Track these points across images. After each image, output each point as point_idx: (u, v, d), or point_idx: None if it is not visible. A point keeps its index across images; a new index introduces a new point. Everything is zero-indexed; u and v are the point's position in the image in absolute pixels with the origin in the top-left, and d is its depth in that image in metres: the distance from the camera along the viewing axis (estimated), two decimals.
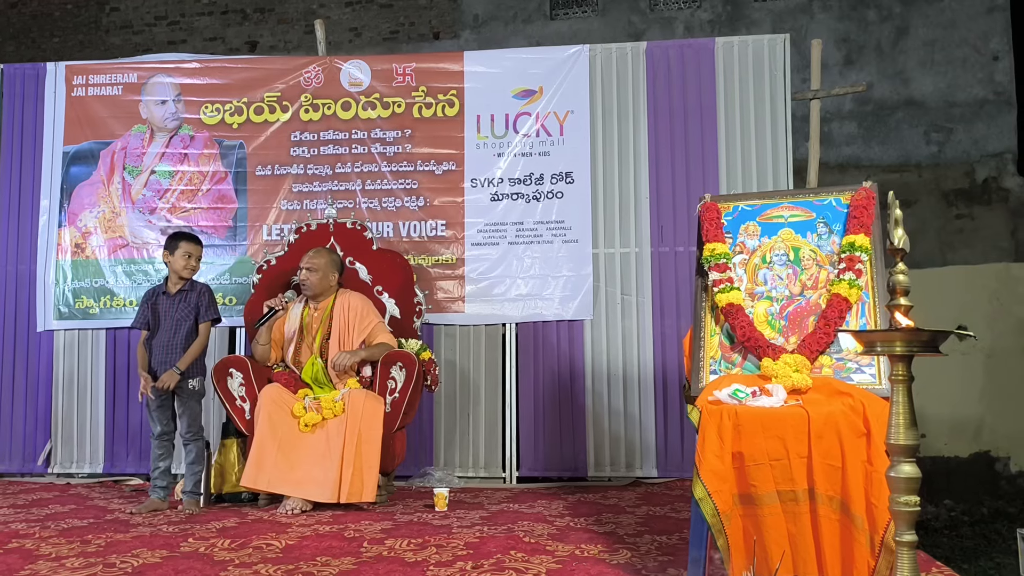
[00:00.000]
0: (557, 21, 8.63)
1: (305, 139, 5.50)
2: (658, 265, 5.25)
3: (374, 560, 3.08)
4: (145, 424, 5.11)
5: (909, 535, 1.97)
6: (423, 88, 5.45)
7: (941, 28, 8.12)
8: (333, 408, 4.17)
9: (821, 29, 7.98)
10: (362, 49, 8.52)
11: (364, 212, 5.37)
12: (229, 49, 8.78)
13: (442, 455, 5.25)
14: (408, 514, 4.00)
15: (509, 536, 3.45)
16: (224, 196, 5.51)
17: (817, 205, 3.18)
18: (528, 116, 5.37)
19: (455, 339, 5.33)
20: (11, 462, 5.42)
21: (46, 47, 9.02)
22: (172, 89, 5.59)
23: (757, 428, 2.61)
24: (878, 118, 8.15)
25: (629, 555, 3.14)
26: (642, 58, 5.40)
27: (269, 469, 4.07)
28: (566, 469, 5.17)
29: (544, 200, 5.33)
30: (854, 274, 2.96)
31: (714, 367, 3.04)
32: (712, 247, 3.16)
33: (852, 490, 2.52)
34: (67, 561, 3.09)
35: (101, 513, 4.10)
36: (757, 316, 3.05)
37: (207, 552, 3.22)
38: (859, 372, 2.87)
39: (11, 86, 5.68)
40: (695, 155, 5.31)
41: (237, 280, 5.41)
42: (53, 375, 5.45)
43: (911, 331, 1.97)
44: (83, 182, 5.55)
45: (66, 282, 5.48)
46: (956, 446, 7.54)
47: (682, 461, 5.06)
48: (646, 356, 5.21)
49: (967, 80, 8.08)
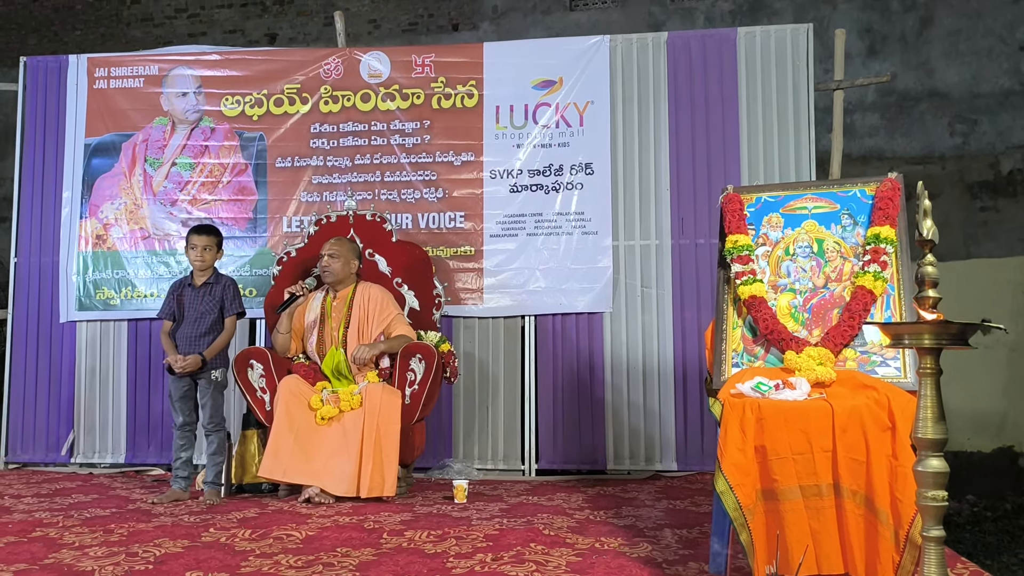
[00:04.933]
0: (576, 12, 8.58)
1: (325, 131, 5.50)
2: (678, 257, 5.22)
3: (394, 551, 3.09)
4: (166, 415, 5.16)
5: (936, 530, 1.95)
6: (442, 79, 5.43)
7: (966, 18, 8.00)
8: (351, 402, 4.18)
9: (844, 19, 7.89)
10: (381, 40, 8.51)
11: (383, 204, 5.36)
12: (249, 41, 8.80)
13: (461, 447, 5.26)
14: (427, 506, 4.00)
15: (529, 528, 3.45)
16: (244, 188, 5.52)
17: (841, 196, 3.14)
18: (548, 107, 5.35)
19: (474, 331, 5.32)
20: (35, 452, 5.48)
21: (68, 40, 9.07)
22: (193, 81, 5.60)
23: (780, 422, 2.59)
24: (901, 109, 8.05)
25: (650, 548, 3.12)
26: (663, 48, 5.36)
27: (286, 460, 4.09)
28: (585, 462, 5.15)
29: (563, 191, 5.30)
30: (879, 266, 2.92)
31: (736, 360, 3.01)
32: (735, 239, 3.14)
33: (876, 485, 2.49)
34: (90, 550, 3.12)
35: (123, 503, 4.13)
36: (780, 308, 3.03)
37: (228, 542, 3.23)
38: (884, 365, 2.84)
39: (33, 79, 5.71)
40: (716, 146, 5.26)
41: (257, 272, 5.43)
42: (76, 366, 5.50)
43: (940, 324, 1.94)
44: (105, 174, 5.59)
45: (87, 273, 5.51)
46: (979, 441, 7.45)
47: (702, 455, 5.03)
48: (666, 349, 5.18)
49: (992, 71, 7.96)
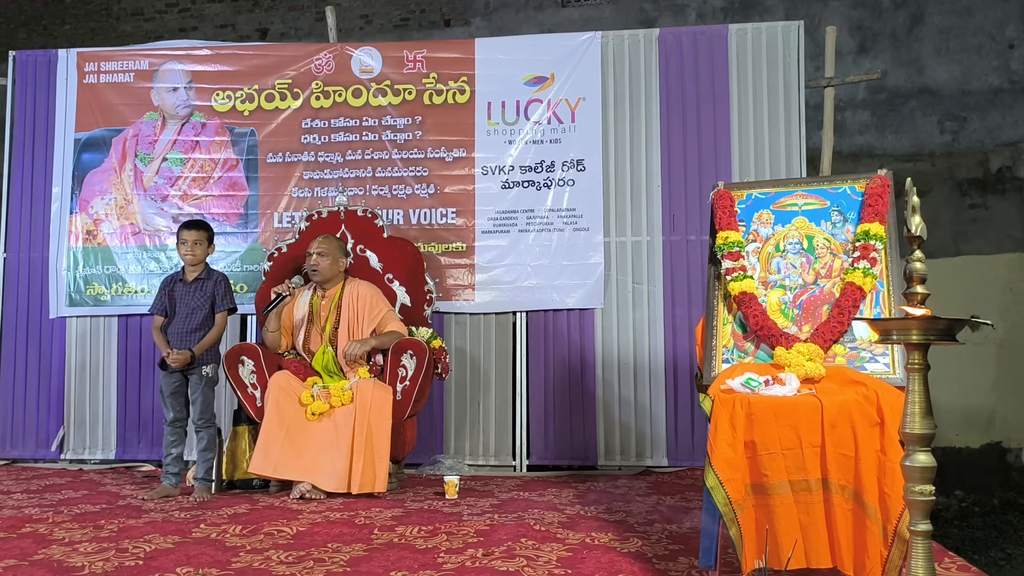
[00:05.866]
0: (568, 8, 8.57)
1: (316, 126, 5.49)
2: (669, 254, 5.23)
3: (385, 547, 3.09)
4: (157, 410, 5.15)
5: (924, 525, 1.96)
6: (434, 75, 5.43)
7: (956, 16, 8.03)
8: (342, 397, 4.18)
9: (835, 16, 7.89)
10: (373, 36, 8.49)
11: (375, 199, 5.36)
12: (240, 36, 8.76)
13: (452, 443, 5.26)
14: (419, 501, 4.01)
15: (520, 524, 3.46)
16: (235, 183, 5.51)
17: (831, 193, 3.15)
18: (539, 103, 5.35)
19: (465, 327, 5.33)
20: (24, 447, 5.46)
21: (57, 34, 9.01)
22: (183, 76, 5.59)
23: (770, 417, 2.61)
24: (892, 106, 8.07)
25: (640, 543, 3.13)
26: (655, 45, 5.36)
27: (276, 455, 4.09)
28: (576, 458, 5.17)
29: (555, 188, 5.31)
30: (868, 263, 2.94)
31: (727, 356, 3.03)
32: (725, 235, 3.15)
33: (865, 479, 2.51)
34: (80, 546, 3.11)
35: (113, 499, 4.13)
36: (770, 305, 3.04)
37: (219, 538, 3.23)
38: (873, 361, 2.85)
39: (23, 73, 5.68)
40: (707, 143, 5.27)
41: (248, 267, 5.42)
42: (65, 361, 5.48)
43: (928, 319, 1.95)
44: (95, 169, 5.57)
45: (78, 269, 5.49)
46: (968, 436, 7.49)
47: (692, 450, 5.05)
48: (657, 345, 5.20)
49: (982, 68, 7.99)
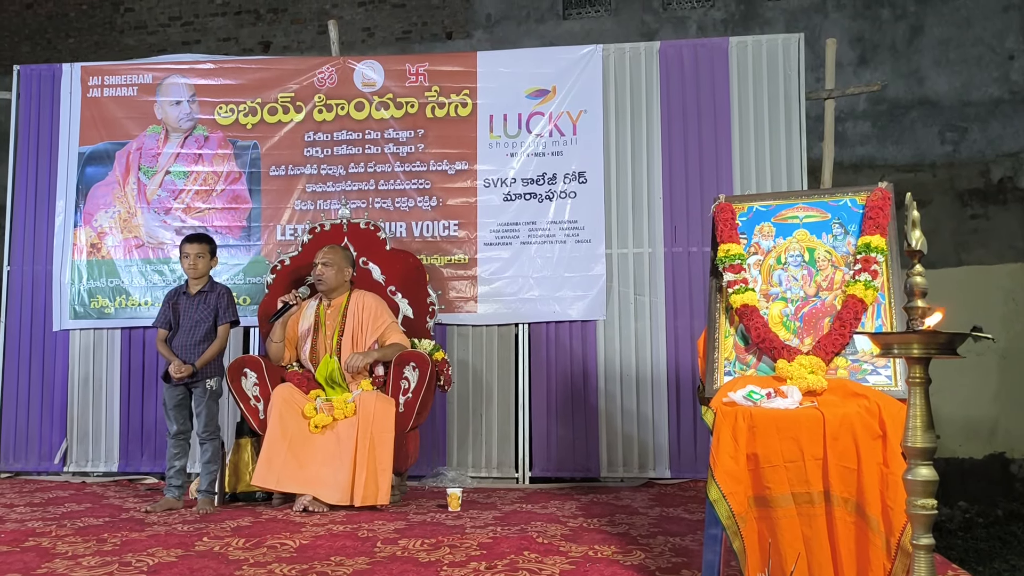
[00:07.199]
0: (570, 20, 8.61)
1: (319, 139, 5.51)
2: (671, 266, 5.24)
3: (388, 560, 3.09)
4: (159, 423, 5.15)
5: (926, 538, 1.96)
6: (436, 88, 5.45)
7: (956, 27, 8.06)
8: (344, 410, 4.18)
9: (835, 28, 7.93)
10: (375, 49, 8.54)
11: (377, 212, 5.38)
12: (243, 49, 8.81)
13: (455, 455, 5.26)
14: (421, 514, 4.01)
15: (522, 536, 3.45)
16: (238, 196, 5.53)
17: (832, 206, 3.16)
18: (541, 116, 5.37)
19: (468, 339, 5.34)
20: (27, 460, 5.46)
21: (61, 48, 9.06)
22: (187, 90, 5.62)
23: (772, 430, 2.61)
24: (892, 118, 8.10)
25: (643, 556, 3.13)
26: (656, 58, 5.39)
27: (279, 468, 4.09)
28: (579, 470, 5.17)
29: (557, 200, 5.32)
30: (870, 275, 2.94)
31: (729, 368, 3.03)
32: (727, 248, 3.15)
33: (868, 492, 2.51)
34: (83, 560, 3.11)
35: (116, 512, 4.13)
36: (772, 317, 3.05)
37: (222, 551, 3.23)
38: (875, 374, 2.86)
39: (27, 87, 5.72)
40: (708, 155, 5.29)
41: (251, 280, 5.43)
42: (69, 374, 5.49)
43: (929, 333, 1.96)
44: (99, 182, 5.59)
45: (82, 282, 5.51)
46: (971, 447, 7.49)
47: (695, 462, 5.05)
48: (659, 357, 5.20)
49: (982, 79, 8.02)
